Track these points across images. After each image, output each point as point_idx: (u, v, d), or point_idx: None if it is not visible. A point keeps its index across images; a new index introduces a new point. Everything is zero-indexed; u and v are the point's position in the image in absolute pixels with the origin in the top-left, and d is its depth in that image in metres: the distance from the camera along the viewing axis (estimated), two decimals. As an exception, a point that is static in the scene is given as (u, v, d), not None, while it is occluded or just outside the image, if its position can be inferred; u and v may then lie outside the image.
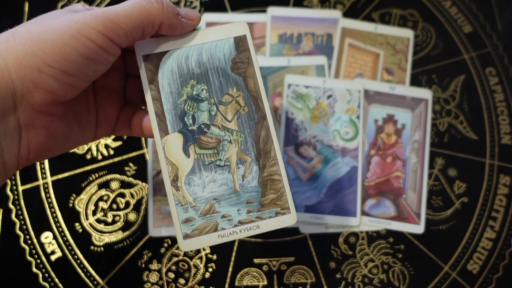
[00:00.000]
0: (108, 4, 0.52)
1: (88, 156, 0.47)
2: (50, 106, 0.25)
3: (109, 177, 0.47)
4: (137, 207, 0.46)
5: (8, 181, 0.46)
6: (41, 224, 0.45)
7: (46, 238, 0.45)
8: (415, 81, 0.51)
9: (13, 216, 0.45)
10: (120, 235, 0.45)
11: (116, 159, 0.47)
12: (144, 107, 0.33)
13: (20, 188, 0.46)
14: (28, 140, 0.25)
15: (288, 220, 0.28)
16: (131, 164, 0.47)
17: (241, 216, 0.28)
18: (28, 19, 0.50)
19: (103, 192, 0.46)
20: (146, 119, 0.31)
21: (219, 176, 0.28)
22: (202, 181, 0.28)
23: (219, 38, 0.29)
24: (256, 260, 0.45)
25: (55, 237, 0.45)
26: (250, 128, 0.29)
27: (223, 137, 0.29)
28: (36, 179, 0.47)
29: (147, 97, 0.28)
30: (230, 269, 0.45)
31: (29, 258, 0.44)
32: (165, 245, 0.45)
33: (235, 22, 0.29)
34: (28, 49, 0.23)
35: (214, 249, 0.45)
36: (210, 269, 0.45)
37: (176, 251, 0.45)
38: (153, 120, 0.28)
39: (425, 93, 0.50)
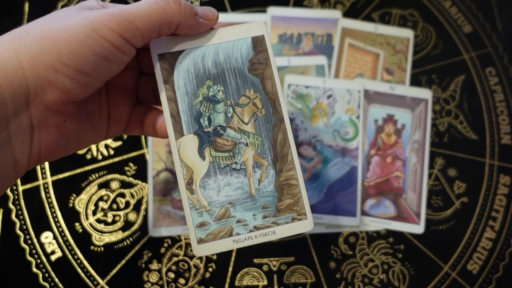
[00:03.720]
0: None
1: (88, 156, 0.47)
2: (63, 105, 0.25)
3: (109, 177, 0.47)
4: (137, 207, 0.46)
5: (8, 181, 0.46)
6: (41, 224, 0.45)
7: (46, 238, 0.45)
8: (415, 81, 0.51)
9: (13, 216, 0.45)
10: (120, 235, 0.45)
11: (116, 159, 0.47)
12: (157, 106, 0.32)
13: (20, 188, 0.46)
14: (40, 139, 0.25)
15: (304, 226, 0.27)
16: (131, 164, 0.47)
17: (256, 221, 0.27)
18: (28, 19, 0.50)
19: (103, 192, 0.46)
20: (161, 119, 0.30)
21: (234, 180, 0.27)
22: (217, 184, 0.27)
23: (237, 38, 0.28)
24: (256, 260, 0.45)
25: (55, 237, 0.45)
26: (267, 131, 0.28)
27: (239, 139, 0.28)
28: (36, 179, 0.47)
29: (162, 98, 0.27)
30: (230, 269, 0.45)
31: (29, 258, 0.44)
32: (165, 245, 0.45)
33: (253, 22, 0.28)
34: (43, 47, 0.23)
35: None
36: (210, 269, 0.45)
37: (176, 251, 0.45)
38: (168, 121, 0.27)
39: (425, 93, 0.50)
